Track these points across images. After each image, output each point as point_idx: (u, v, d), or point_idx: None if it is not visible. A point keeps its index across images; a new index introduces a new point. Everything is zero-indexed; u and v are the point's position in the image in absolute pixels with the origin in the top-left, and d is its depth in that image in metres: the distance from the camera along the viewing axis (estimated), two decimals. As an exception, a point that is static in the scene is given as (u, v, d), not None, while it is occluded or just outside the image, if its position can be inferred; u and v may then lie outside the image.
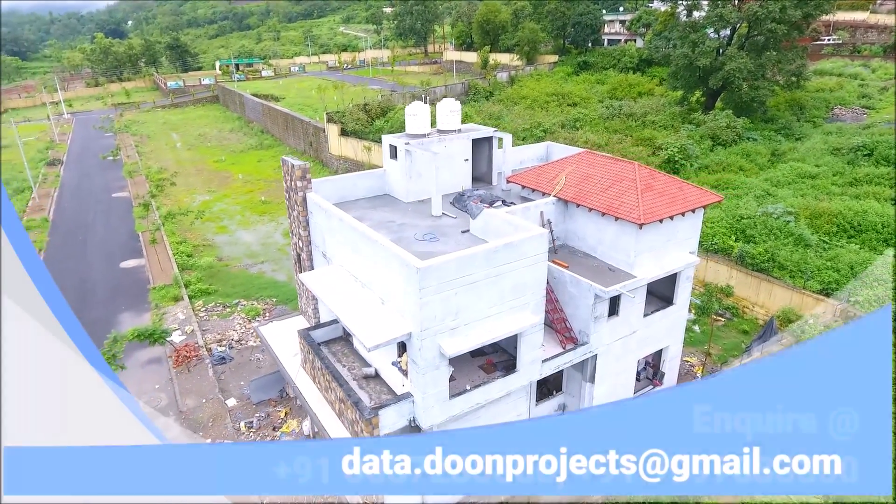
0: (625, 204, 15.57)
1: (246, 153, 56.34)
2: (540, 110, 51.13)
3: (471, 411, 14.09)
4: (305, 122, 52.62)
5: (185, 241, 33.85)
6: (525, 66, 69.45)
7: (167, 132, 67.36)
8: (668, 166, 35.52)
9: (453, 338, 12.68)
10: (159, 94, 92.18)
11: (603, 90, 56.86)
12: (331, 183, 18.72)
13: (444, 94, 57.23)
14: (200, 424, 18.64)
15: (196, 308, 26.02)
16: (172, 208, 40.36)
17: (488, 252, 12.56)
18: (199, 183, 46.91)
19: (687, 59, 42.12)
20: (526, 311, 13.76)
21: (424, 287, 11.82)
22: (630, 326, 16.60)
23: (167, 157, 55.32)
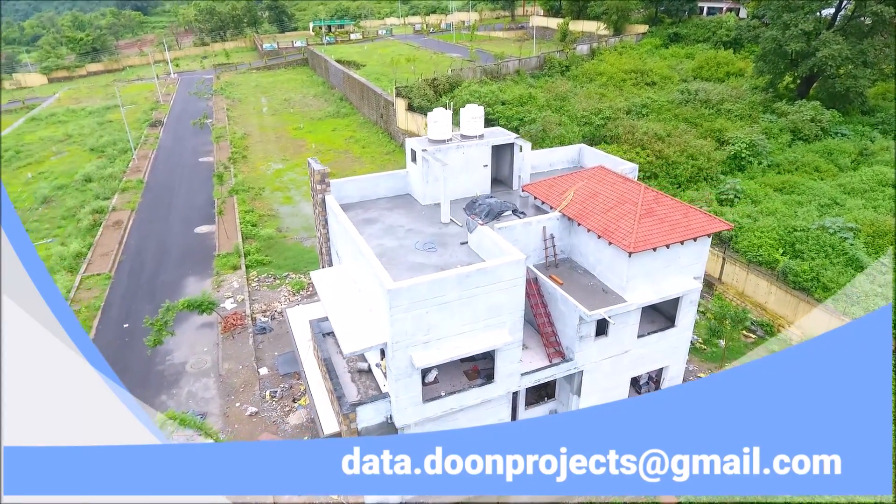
0: (620, 229, 15.64)
1: (323, 121, 58.96)
2: (614, 90, 49.19)
3: (448, 414, 15.27)
4: (378, 93, 54.05)
5: (252, 210, 36.87)
6: (611, 37, 66.29)
7: (257, 96, 71.56)
8: (734, 163, 33.68)
9: (425, 351, 13.78)
10: (257, 55, 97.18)
11: (688, 68, 53.45)
12: (353, 183, 20.00)
13: (517, 67, 56.39)
14: (233, 388, 21.24)
15: (250, 278, 28.80)
16: (248, 175, 43.76)
17: (460, 276, 13.39)
18: (275, 150, 50.09)
19: (776, 43, 38.77)
20: (502, 330, 14.53)
21: (394, 306, 12.94)
22: (621, 346, 16.85)
23: (252, 123, 59.17)
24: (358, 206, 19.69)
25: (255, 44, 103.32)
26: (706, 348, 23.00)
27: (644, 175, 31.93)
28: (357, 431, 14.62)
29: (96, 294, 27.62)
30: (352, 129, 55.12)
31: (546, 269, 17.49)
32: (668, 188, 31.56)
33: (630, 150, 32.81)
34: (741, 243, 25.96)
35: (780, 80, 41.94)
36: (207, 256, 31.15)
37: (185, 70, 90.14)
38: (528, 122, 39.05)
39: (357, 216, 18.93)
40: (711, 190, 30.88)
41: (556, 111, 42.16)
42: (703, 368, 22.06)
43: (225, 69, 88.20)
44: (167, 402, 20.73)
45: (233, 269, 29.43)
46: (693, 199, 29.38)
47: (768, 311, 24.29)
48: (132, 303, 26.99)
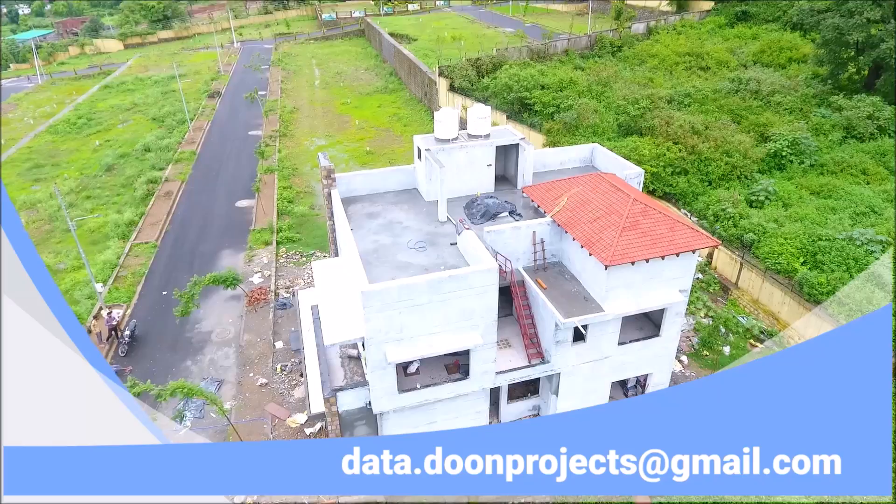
0: (602, 240, 15.96)
1: (371, 96, 60.04)
2: (663, 75, 47.49)
3: (425, 404, 16.39)
4: (423, 71, 54.44)
5: (290, 186, 38.75)
6: (672, 15, 63.40)
7: (311, 68, 73.39)
8: (773, 161, 32.34)
9: (398, 348, 14.84)
10: (316, 25, 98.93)
11: (749, 52, 50.64)
12: (362, 177, 21.01)
13: (565, 47, 55.15)
14: (249, 359, 23.19)
15: (279, 255, 30.68)
16: (292, 151, 45.69)
17: (431, 282, 14.26)
18: (321, 126, 51.77)
19: (837, 31, 36.28)
20: (474, 333, 15.36)
21: (368, 306, 14.01)
22: (600, 352, 17.33)
23: (303, 96, 61.05)
24: (366, 198, 20.74)
25: (315, 13, 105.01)
26: (707, 354, 22.95)
27: (674, 171, 31.30)
28: (338, 414, 16.00)
29: (142, 261, 30.29)
30: (397, 106, 55.95)
31: (534, 272, 18.06)
32: (698, 185, 30.80)
33: (661, 145, 32.06)
34: (762, 249, 25.36)
35: (841, 70, 39.29)
36: (244, 231, 33.27)
37: (248, 39, 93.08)
38: (564, 108, 38.60)
39: (363, 209, 20.03)
40: (742, 190, 29.94)
41: (597, 97, 41.37)
42: (700, 374, 22.08)
43: (284, 39, 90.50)
44: (191, 367, 22.96)
45: (264, 245, 31.40)
46: (720, 198, 28.66)
47: (781, 321, 23.83)
48: (172, 271, 29.47)
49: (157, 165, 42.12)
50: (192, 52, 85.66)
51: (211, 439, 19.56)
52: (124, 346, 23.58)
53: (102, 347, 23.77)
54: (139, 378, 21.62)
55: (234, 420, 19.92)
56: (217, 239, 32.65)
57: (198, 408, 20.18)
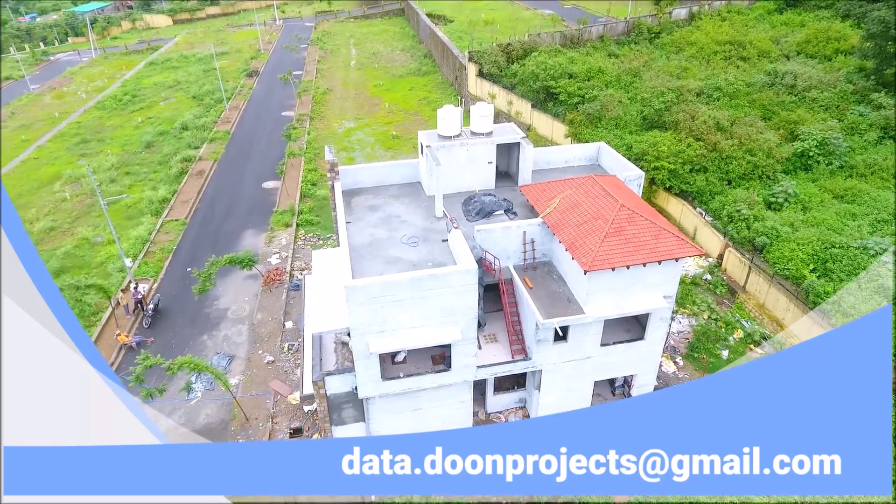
0: (584, 245, 16.32)
1: (403, 79, 60.47)
2: (700, 64, 46.09)
3: (408, 392, 17.29)
4: (455, 54, 54.43)
5: (315, 168, 39.94)
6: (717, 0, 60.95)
7: (349, 47, 74.17)
8: (799, 161, 31.39)
9: (381, 339, 15.69)
10: (357, 3, 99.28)
11: (793, 41, 48.53)
12: (368, 170, 21.76)
13: (601, 33, 54.03)
14: (260, 337, 24.61)
15: (298, 237, 31.97)
16: (321, 132, 46.84)
17: (412, 280, 14.99)
18: (351, 108, 52.68)
19: (883, 25, 34.54)
20: (455, 328, 16.04)
21: (351, 300, 14.88)
22: (582, 352, 17.77)
23: (337, 77, 62.00)
24: (370, 191, 21.51)
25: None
26: (704, 357, 23.01)
27: (693, 168, 30.83)
28: (326, 397, 17.08)
29: (171, 238, 32.12)
30: (428, 90, 56.28)
31: (524, 271, 18.56)
32: (716, 184, 30.24)
33: (683, 141, 31.52)
34: (773, 253, 24.99)
35: (886, 66, 37.37)
36: (267, 212, 34.69)
37: (290, 17, 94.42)
38: (589, 99, 38.25)
39: (366, 201, 20.82)
40: (762, 191, 29.30)
41: (625, 88, 40.74)
42: (694, 376, 22.21)
43: (325, 17, 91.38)
44: (207, 341, 24.56)
45: (285, 227, 32.74)
46: (737, 198, 28.18)
47: (784, 328, 23.59)
48: (198, 249, 31.17)
49: (192, 144, 43.99)
50: (236, 30, 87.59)
51: (219, 410, 21.10)
52: (148, 318, 25.36)
53: (128, 319, 25.64)
54: (160, 349, 23.46)
55: (240, 394, 21.38)
56: (242, 219, 34.18)
57: (209, 380, 21.68)
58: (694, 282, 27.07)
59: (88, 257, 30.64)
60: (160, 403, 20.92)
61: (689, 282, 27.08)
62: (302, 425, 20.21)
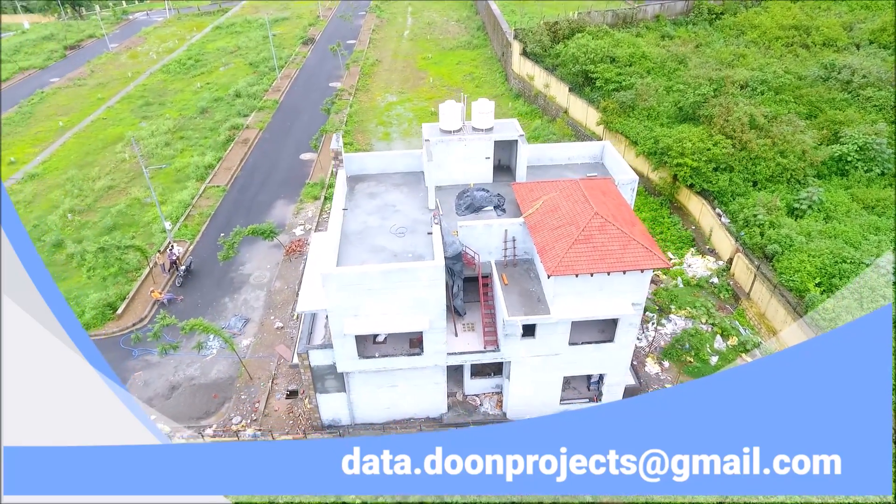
0: (553, 249, 17.04)
1: (453, 52, 60.58)
2: (759, 50, 43.70)
3: (384, 370, 18.86)
4: (503, 30, 53.93)
5: (352, 143, 41.52)
6: (793, -23, 56.74)
7: (405, 16, 74.52)
8: (836, 166, 30.03)
9: (356, 322, 17.21)
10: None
11: (868, 29, 45.04)
12: (373, 159, 22.99)
13: (657, 12, 51.91)
14: (275, 304, 26.81)
15: (324, 210, 33.85)
16: (364, 105, 48.24)
17: (383, 272, 16.31)
18: (397, 81, 53.62)
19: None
20: (425, 318, 17.32)
21: (328, 286, 16.41)
22: (550, 349, 18.67)
23: (388, 48, 62.83)
24: (373, 178, 22.78)
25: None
26: (692, 361, 23.27)
27: (717, 167, 30.10)
28: (310, 368, 18.93)
29: (211, 203, 34.79)
30: (475, 65, 56.26)
31: (504, 267, 19.49)
32: (740, 185, 29.45)
33: (711, 137, 30.68)
34: (781, 263, 24.56)
35: (959, 63, 34.45)
36: (300, 183, 36.70)
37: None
38: (626, 86, 37.52)
39: (367, 188, 22.14)
40: (787, 195, 28.37)
41: (668, 75, 39.53)
42: (678, 379, 22.61)
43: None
44: (228, 303, 27.03)
45: (314, 199, 34.69)
46: (757, 202, 27.50)
47: (780, 341, 23.40)
48: (233, 215, 33.66)
49: (242, 112, 46.50)
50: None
51: (229, 367, 23.52)
52: (180, 278, 28.09)
53: (164, 277, 28.50)
54: (187, 307, 26.10)
55: (249, 355, 23.72)
56: (276, 189, 36.38)
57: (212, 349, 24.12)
58: (699, 284, 26.99)
59: (138, 216, 33.80)
60: (181, 356, 23.61)
61: (694, 283, 27.05)
62: (298, 388, 22.32)
